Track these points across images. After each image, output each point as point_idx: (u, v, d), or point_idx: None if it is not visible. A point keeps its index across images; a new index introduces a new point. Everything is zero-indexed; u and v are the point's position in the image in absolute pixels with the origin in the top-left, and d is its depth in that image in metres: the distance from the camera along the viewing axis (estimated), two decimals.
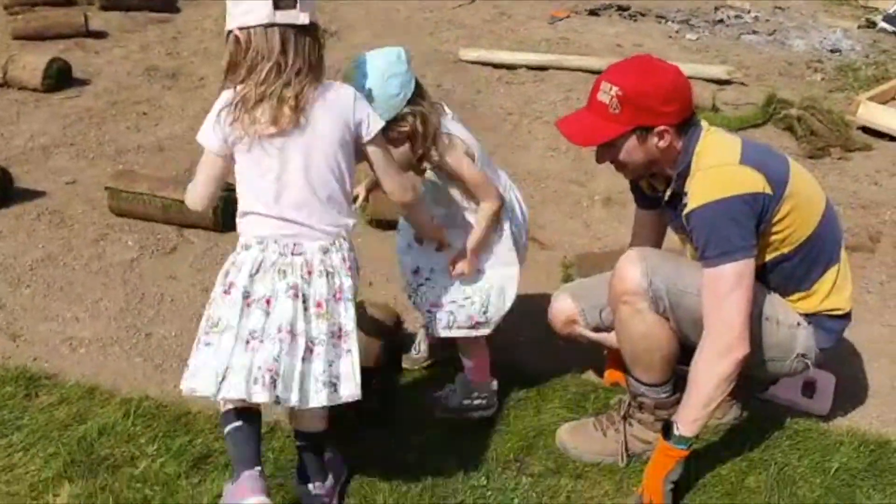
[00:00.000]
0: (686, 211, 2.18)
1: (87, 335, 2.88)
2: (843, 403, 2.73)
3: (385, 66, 2.12)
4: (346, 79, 2.12)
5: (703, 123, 2.27)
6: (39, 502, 2.21)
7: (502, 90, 5.16)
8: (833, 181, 4.22)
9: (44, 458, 2.34)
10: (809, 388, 2.73)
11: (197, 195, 2.13)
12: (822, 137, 4.55)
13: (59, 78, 4.81)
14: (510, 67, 5.44)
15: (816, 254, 2.30)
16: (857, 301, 2.86)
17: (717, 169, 2.18)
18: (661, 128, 2.18)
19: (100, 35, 5.68)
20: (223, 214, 3.35)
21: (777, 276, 2.32)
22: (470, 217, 2.37)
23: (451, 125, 2.28)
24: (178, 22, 6.08)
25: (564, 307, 2.62)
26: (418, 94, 2.17)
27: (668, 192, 2.31)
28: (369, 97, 2.07)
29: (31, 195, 3.71)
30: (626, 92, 2.15)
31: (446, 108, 2.31)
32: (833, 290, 2.34)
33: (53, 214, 3.59)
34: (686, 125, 2.22)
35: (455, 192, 2.35)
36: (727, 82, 5.36)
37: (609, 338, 2.60)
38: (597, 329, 2.60)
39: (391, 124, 2.13)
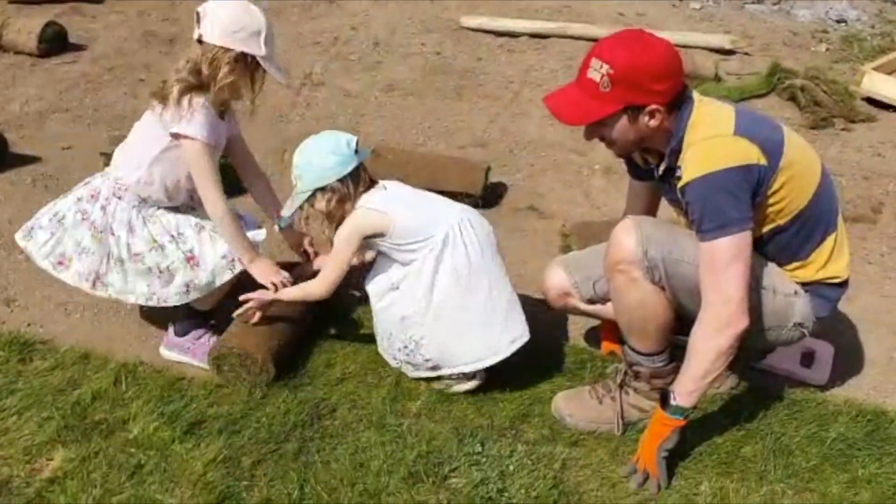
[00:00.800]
0: (681, 184, 2.15)
1: (81, 300, 2.86)
2: (841, 374, 2.72)
3: (332, 145, 2.42)
4: (302, 147, 2.46)
5: (695, 95, 2.21)
6: (33, 466, 2.21)
7: (504, 58, 5.10)
8: (836, 152, 4.17)
9: (38, 422, 2.33)
10: (808, 359, 2.71)
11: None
12: (825, 108, 4.49)
13: (55, 42, 4.74)
14: (512, 35, 5.37)
15: (813, 223, 2.27)
16: (857, 272, 2.85)
17: (711, 141, 2.13)
18: (653, 107, 2.12)
19: (97, 0, 5.61)
20: None
21: (773, 247, 2.29)
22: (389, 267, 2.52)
23: (380, 201, 2.45)
24: None
25: (557, 280, 2.60)
26: (353, 179, 2.42)
27: (662, 167, 2.27)
28: (309, 162, 2.41)
29: (26, 160, 3.68)
30: (616, 70, 2.08)
31: (387, 185, 2.52)
32: (830, 259, 2.32)
33: (49, 180, 3.57)
34: (678, 101, 2.17)
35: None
36: (731, 52, 5.29)
37: (603, 310, 2.59)
38: (590, 301, 2.58)
39: (316, 192, 2.41)
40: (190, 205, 2.57)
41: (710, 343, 2.14)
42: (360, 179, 2.45)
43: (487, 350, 2.46)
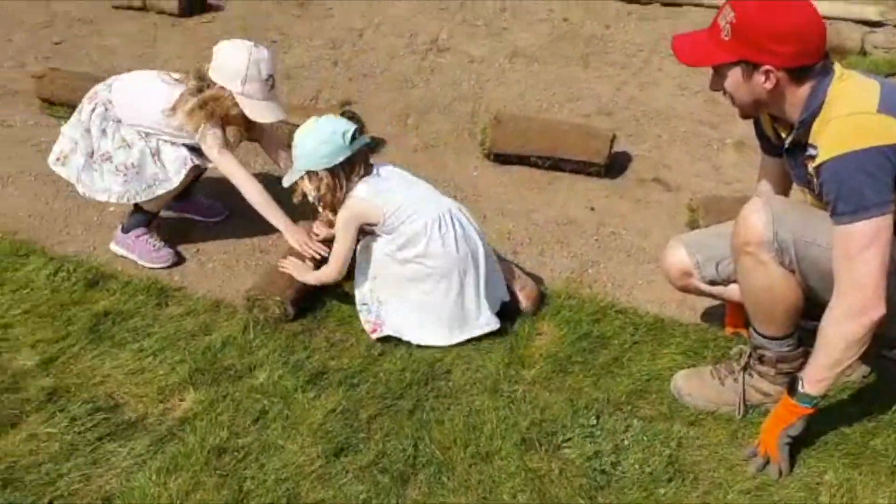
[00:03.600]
0: (816, 163, 2.03)
1: (213, 251, 3.00)
2: None
3: (327, 134, 2.50)
4: (302, 127, 2.56)
5: (836, 68, 2.08)
6: (166, 405, 2.33)
7: (633, 25, 4.96)
8: None
9: (171, 364, 2.46)
10: None
11: None
12: None
13: (195, 3, 4.94)
14: (643, 3, 5.22)
15: None
16: None
17: (852, 118, 1.99)
18: (767, 67, 2.00)
19: None
20: None
21: None
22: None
23: (372, 191, 2.55)
24: None
25: (679, 259, 2.51)
26: (344, 169, 2.52)
27: (789, 140, 2.15)
28: (304, 145, 2.52)
29: None
30: (738, 20, 1.99)
31: (381, 172, 2.60)
32: None
33: None
34: (807, 70, 2.03)
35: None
36: (879, 24, 4.96)
37: (726, 291, 2.49)
38: (713, 282, 2.49)
39: (309, 174, 2.55)
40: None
41: (842, 330, 2.03)
42: (354, 169, 2.54)
43: (435, 336, 2.58)
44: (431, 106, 4.06)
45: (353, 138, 2.53)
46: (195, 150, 2.82)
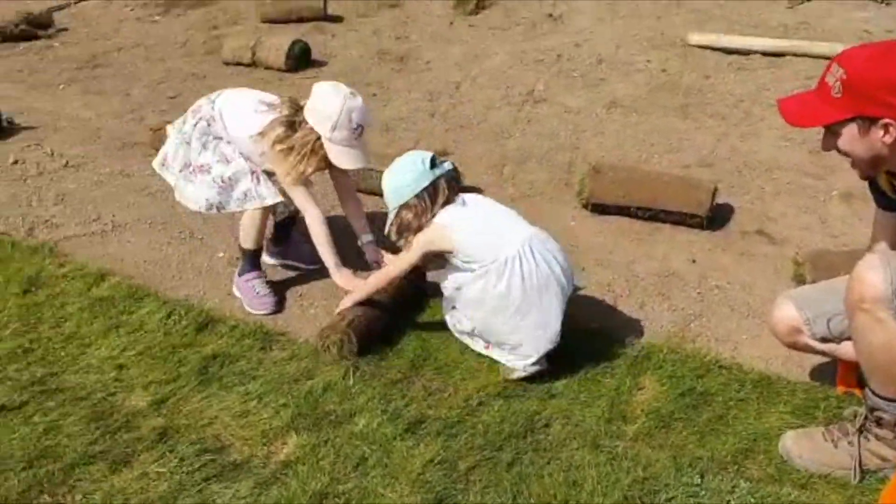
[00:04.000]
0: None
1: (316, 295, 3.08)
2: None
3: (409, 163, 2.63)
4: (386, 170, 2.71)
5: None
6: (269, 448, 2.38)
7: (733, 76, 4.90)
8: None
9: (275, 408, 2.52)
10: None
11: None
12: None
13: (300, 59, 5.16)
14: (743, 53, 5.16)
15: None
16: None
17: None
18: (886, 120, 1.94)
19: (336, 19, 6.02)
20: None
21: None
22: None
23: (450, 218, 2.60)
24: (407, 7, 6.30)
25: (787, 315, 2.43)
26: (430, 194, 2.58)
27: None
28: (389, 182, 2.66)
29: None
30: (850, 76, 1.95)
31: (466, 200, 2.66)
32: None
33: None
34: None
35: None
36: None
37: (839, 349, 2.40)
38: (824, 339, 2.40)
39: (401, 209, 2.63)
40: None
41: None
42: (437, 193, 2.59)
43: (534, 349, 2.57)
44: (528, 156, 4.09)
45: (434, 164, 2.60)
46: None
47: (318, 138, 2.79)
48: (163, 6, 6.42)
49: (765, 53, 5.13)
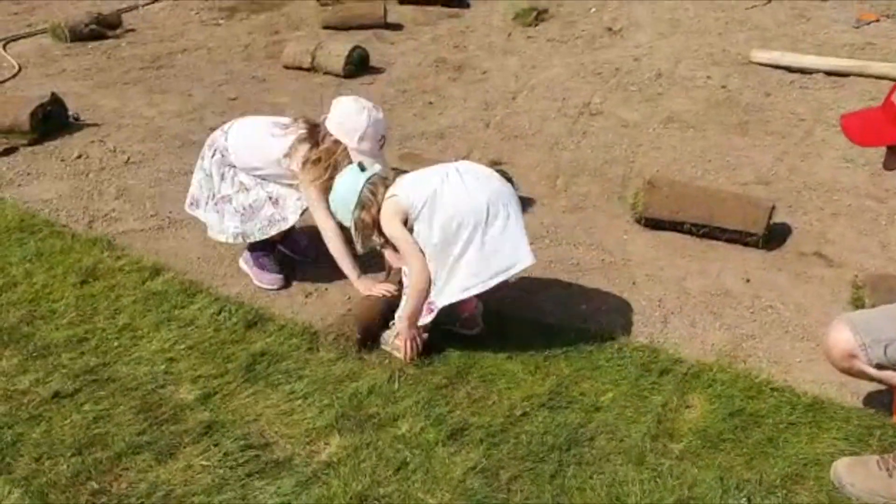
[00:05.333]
0: None
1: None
2: None
3: (342, 180, 2.77)
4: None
5: None
6: (312, 448, 2.40)
7: (795, 95, 4.81)
8: None
9: (319, 407, 2.53)
10: None
11: None
12: None
13: (359, 65, 5.21)
14: (806, 72, 5.06)
15: None
16: None
17: None
18: None
19: (396, 27, 6.07)
20: None
21: None
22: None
23: (391, 189, 2.72)
24: (467, 17, 6.32)
25: (843, 339, 2.36)
26: (370, 190, 2.70)
27: None
28: (334, 204, 2.81)
29: None
30: None
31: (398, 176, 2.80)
32: None
33: None
34: None
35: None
36: None
37: (895, 377, 2.32)
38: (880, 366, 2.33)
39: (355, 217, 2.74)
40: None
41: None
42: (378, 187, 2.72)
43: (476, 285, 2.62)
44: (582, 168, 4.06)
45: (362, 168, 2.76)
46: None
47: (344, 149, 2.89)
48: (227, 10, 6.55)
49: (828, 73, 5.02)
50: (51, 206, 3.70)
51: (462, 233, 2.59)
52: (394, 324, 2.79)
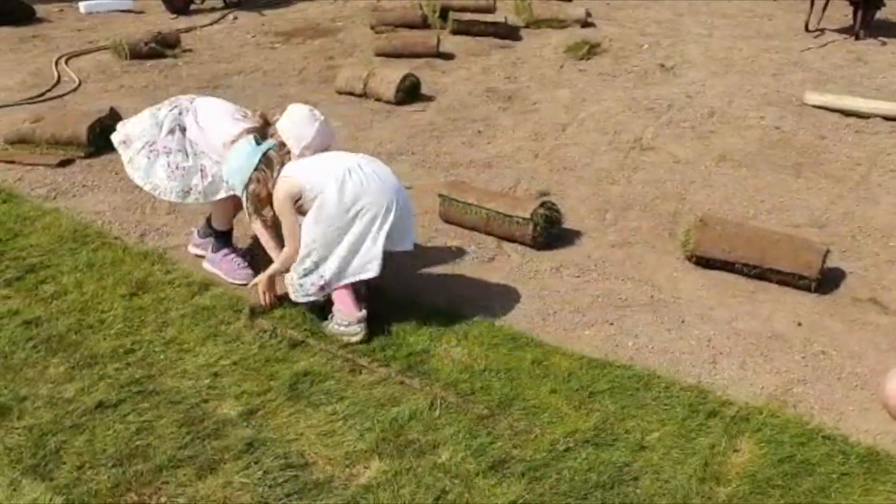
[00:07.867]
0: None
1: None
2: None
3: (238, 149, 3.04)
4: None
5: None
6: (351, 470, 2.38)
7: (851, 138, 4.74)
8: None
9: (360, 430, 2.52)
10: None
11: None
12: None
13: (410, 92, 5.26)
14: (862, 116, 4.98)
15: None
16: None
17: None
18: None
19: (448, 56, 6.13)
20: (541, 231, 3.47)
21: None
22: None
23: (288, 167, 2.99)
24: (518, 49, 6.36)
25: None
26: (265, 163, 2.98)
27: None
28: (228, 169, 3.09)
29: None
30: None
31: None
32: None
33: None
34: None
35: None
36: None
37: None
38: None
39: (248, 184, 3.01)
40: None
41: None
42: (273, 162, 2.97)
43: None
44: (632, 203, 4.03)
45: (258, 142, 3.01)
46: None
47: (288, 152, 3.06)
48: (283, 35, 6.67)
49: (886, 118, 4.94)
50: (104, 217, 3.76)
51: (360, 221, 2.86)
52: (332, 315, 2.97)
